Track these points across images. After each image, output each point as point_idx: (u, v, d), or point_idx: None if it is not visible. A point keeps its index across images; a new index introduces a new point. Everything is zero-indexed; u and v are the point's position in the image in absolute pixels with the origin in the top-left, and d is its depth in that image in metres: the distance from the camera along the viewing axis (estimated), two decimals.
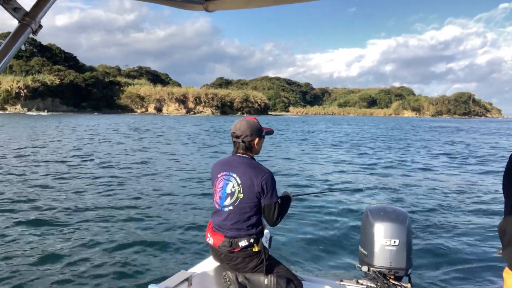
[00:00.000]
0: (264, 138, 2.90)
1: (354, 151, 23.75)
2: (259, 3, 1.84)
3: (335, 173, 14.39)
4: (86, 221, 7.44)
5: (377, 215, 2.87)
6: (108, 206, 8.53)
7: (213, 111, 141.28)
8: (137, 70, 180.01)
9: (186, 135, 35.52)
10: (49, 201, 9.09)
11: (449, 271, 5.56)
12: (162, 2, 1.83)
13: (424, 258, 5.94)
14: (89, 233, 6.78)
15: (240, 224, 2.72)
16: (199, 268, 2.99)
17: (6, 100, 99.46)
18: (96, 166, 14.76)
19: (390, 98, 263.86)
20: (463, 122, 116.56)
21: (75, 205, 8.63)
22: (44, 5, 1.21)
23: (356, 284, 2.90)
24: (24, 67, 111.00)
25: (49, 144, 23.01)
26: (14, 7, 1.15)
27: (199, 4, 1.89)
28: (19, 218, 7.63)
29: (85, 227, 7.09)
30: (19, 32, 1.16)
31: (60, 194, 9.85)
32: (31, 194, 9.73)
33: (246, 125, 2.79)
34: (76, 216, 7.79)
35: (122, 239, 6.51)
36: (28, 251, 5.98)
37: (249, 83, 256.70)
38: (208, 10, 1.93)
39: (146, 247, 6.14)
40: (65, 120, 59.75)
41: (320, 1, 1.72)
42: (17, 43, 1.16)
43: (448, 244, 6.58)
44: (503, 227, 2.17)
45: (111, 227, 7.10)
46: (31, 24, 1.17)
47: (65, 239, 6.49)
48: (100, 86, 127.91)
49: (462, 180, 13.22)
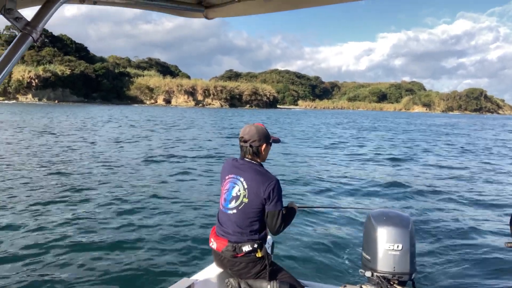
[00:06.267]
0: (271, 146, 2.91)
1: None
2: (258, 10, 1.86)
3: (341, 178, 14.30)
4: (84, 226, 7.31)
5: (379, 220, 2.85)
6: (108, 210, 8.38)
7: (222, 104, 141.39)
8: (147, 62, 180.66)
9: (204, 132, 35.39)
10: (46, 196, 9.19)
11: (453, 275, 5.53)
12: (162, 10, 1.86)
13: (428, 262, 5.90)
14: (87, 237, 6.65)
15: (243, 229, 2.72)
16: (201, 275, 2.99)
17: (18, 90, 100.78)
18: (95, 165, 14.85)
19: (401, 93, 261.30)
20: (474, 118, 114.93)
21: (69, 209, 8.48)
22: (45, 15, 1.23)
23: None
24: (36, 57, 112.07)
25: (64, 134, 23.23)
26: (15, 17, 1.18)
27: (199, 12, 1.93)
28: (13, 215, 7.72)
29: (82, 232, 6.88)
30: (20, 41, 1.18)
31: (60, 194, 9.88)
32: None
33: (255, 130, 2.82)
34: (72, 221, 7.66)
35: (123, 245, 6.38)
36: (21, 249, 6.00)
37: (259, 76, 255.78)
38: (208, 17, 1.98)
39: (148, 254, 6.02)
40: (77, 110, 60.18)
41: None
42: (19, 52, 1.18)
43: (452, 248, 6.52)
44: None
45: (111, 232, 6.92)
46: (32, 33, 1.19)
47: (64, 244, 6.34)
48: (110, 77, 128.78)
49: (466, 182, 13.00)
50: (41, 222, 7.22)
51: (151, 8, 1.83)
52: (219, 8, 1.91)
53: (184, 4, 1.88)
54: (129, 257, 5.94)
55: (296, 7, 1.82)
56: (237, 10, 1.91)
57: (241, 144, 2.85)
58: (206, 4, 1.92)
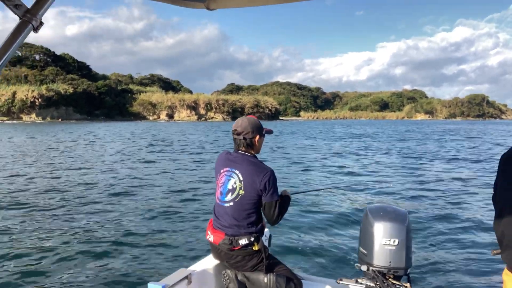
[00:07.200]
0: (264, 137, 2.94)
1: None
2: (259, 2, 1.85)
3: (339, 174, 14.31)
4: (84, 219, 7.48)
5: (377, 215, 2.87)
6: (107, 202, 8.58)
7: (224, 117, 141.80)
8: (149, 78, 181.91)
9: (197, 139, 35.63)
10: (45, 199, 9.23)
11: (448, 270, 5.53)
12: (164, 0, 1.82)
13: (424, 257, 5.93)
14: (87, 231, 6.84)
15: (240, 221, 2.73)
16: (198, 266, 2.99)
17: (22, 110, 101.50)
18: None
19: (402, 101, 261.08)
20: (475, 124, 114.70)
21: (71, 202, 8.68)
22: (45, 2, 1.20)
23: (355, 283, 2.90)
24: (39, 76, 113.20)
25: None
26: (15, 4, 1.14)
27: (201, 2, 1.90)
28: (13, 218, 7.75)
29: (82, 225, 7.14)
30: (20, 29, 1.15)
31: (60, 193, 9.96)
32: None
33: (247, 122, 2.84)
34: (73, 213, 7.83)
35: (122, 237, 6.55)
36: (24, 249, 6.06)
37: (260, 88, 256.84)
38: (209, 8, 1.94)
39: (145, 245, 6.18)
40: (83, 127, 60.59)
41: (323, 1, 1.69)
42: (18, 40, 1.15)
43: (447, 244, 6.55)
44: (501, 229, 2.13)
45: (110, 225, 7.17)
46: (32, 21, 1.16)
47: (61, 236, 6.54)
48: (112, 94, 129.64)
49: (463, 180, 12.97)
50: (46, 226, 7.26)
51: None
52: None
53: None
54: (126, 248, 6.07)
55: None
56: (238, 1, 1.92)
57: (234, 137, 2.87)
58: None
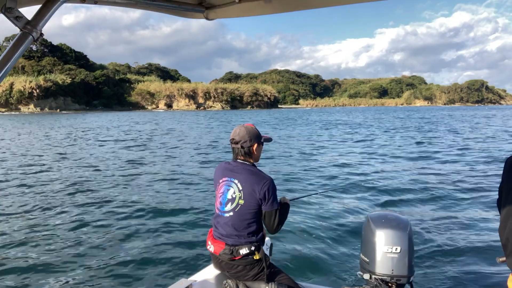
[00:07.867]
0: (262, 145, 2.92)
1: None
2: (258, 11, 1.87)
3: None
4: (83, 228, 7.36)
5: (378, 222, 2.85)
6: (108, 211, 8.46)
7: (223, 106, 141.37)
8: (147, 67, 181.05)
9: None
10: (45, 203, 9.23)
11: (451, 278, 5.45)
12: (163, 10, 1.86)
13: (426, 265, 5.82)
14: (87, 240, 6.70)
15: (240, 231, 2.72)
16: (199, 276, 3.00)
17: (20, 101, 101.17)
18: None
19: (402, 88, 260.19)
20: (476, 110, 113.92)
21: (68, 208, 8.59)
22: (45, 14, 1.23)
23: None
24: (36, 67, 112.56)
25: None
26: (15, 16, 1.17)
27: (200, 12, 1.95)
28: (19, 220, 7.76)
29: (82, 234, 6.99)
30: (20, 40, 1.18)
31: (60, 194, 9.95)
32: None
33: (245, 131, 2.81)
34: (72, 221, 7.73)
35: (122, 247, 6.43)
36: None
37: (259, 76, 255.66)
38: (208, 18, 1.99)
39: (146, 255, 6.07)
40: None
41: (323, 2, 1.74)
42: (19, 51, 1.18)
43: (450, 252, 6.38)
44: (506, 235, 2.11)
45: (110, 234, 6.98)
46: (32, 32, 1.19)
47: (63, 245, 6.44)
48: (110, 84, 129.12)
49: (467, 185, 12.62)
50: (44, 223, 7.28)
51: (151, 8, 1.84)
52: (220, 9, 1.92)
53: (185, 4, 1.89)
54: (127, 258, 6.01)
55: (295, 8, 1.82)
56: (238, 11, 1.92)
57: (232, 146, 2.85)
58: (206, 5, 1.93)
